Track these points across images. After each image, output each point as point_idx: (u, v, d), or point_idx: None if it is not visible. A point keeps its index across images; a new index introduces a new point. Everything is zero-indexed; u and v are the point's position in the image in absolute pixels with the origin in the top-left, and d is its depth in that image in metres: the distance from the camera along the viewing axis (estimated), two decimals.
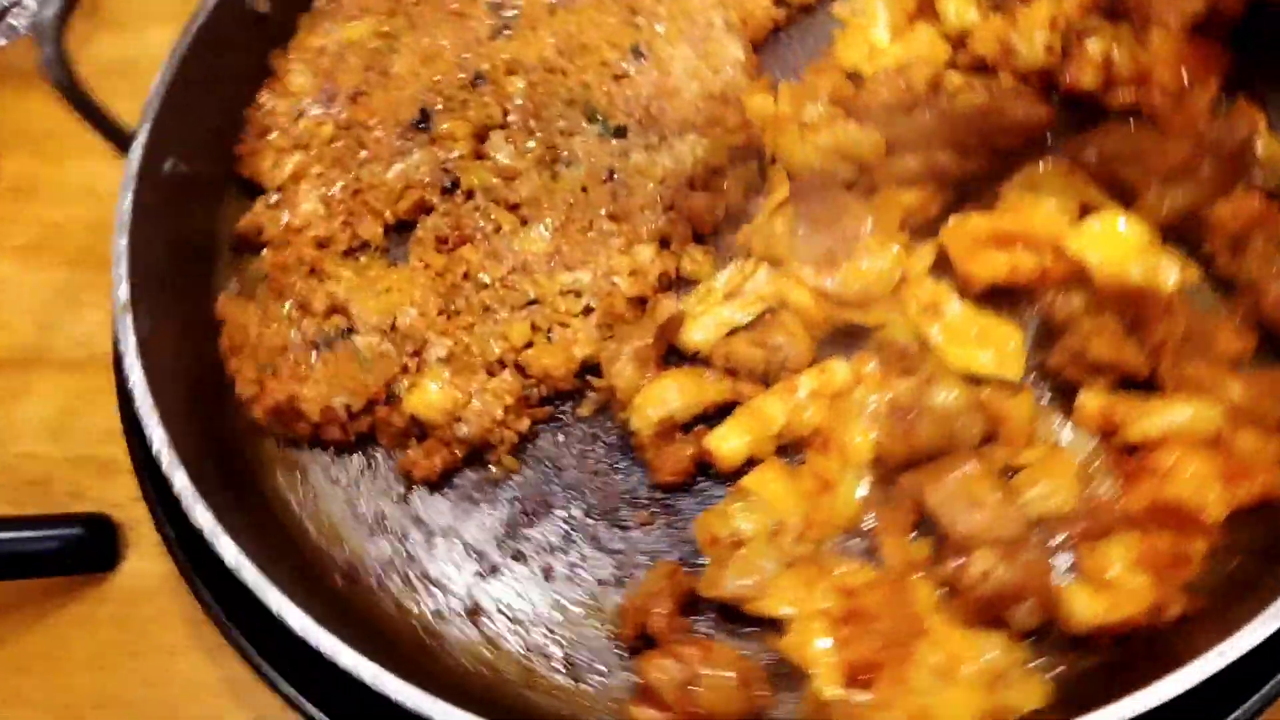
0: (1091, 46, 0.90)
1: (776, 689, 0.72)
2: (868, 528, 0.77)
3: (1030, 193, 0.86)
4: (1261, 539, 0.71)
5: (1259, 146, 0.83)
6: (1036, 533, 0.72)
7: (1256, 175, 0.81)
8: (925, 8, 1.00)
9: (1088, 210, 0.84)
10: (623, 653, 0.76)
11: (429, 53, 1.05)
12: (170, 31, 0.92)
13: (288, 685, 0.73)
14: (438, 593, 0.80)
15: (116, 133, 0.90)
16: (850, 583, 0.71)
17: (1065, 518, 0.73)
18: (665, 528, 0.80)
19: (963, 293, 0.84)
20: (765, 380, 0.83)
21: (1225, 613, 0.66)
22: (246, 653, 0.75)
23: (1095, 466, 0.75)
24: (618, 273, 0.89)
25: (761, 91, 0.98)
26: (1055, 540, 0.73)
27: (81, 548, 0.91)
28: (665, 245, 0.92)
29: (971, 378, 0.79)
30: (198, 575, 0.77)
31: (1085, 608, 0.68)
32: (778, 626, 0.72)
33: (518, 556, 0.81)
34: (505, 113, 1.00)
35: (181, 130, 0.93)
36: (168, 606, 0.90)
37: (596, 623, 0.77)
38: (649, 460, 0.81)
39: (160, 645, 0.89)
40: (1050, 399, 0.81)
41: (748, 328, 0.85)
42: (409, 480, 0.85)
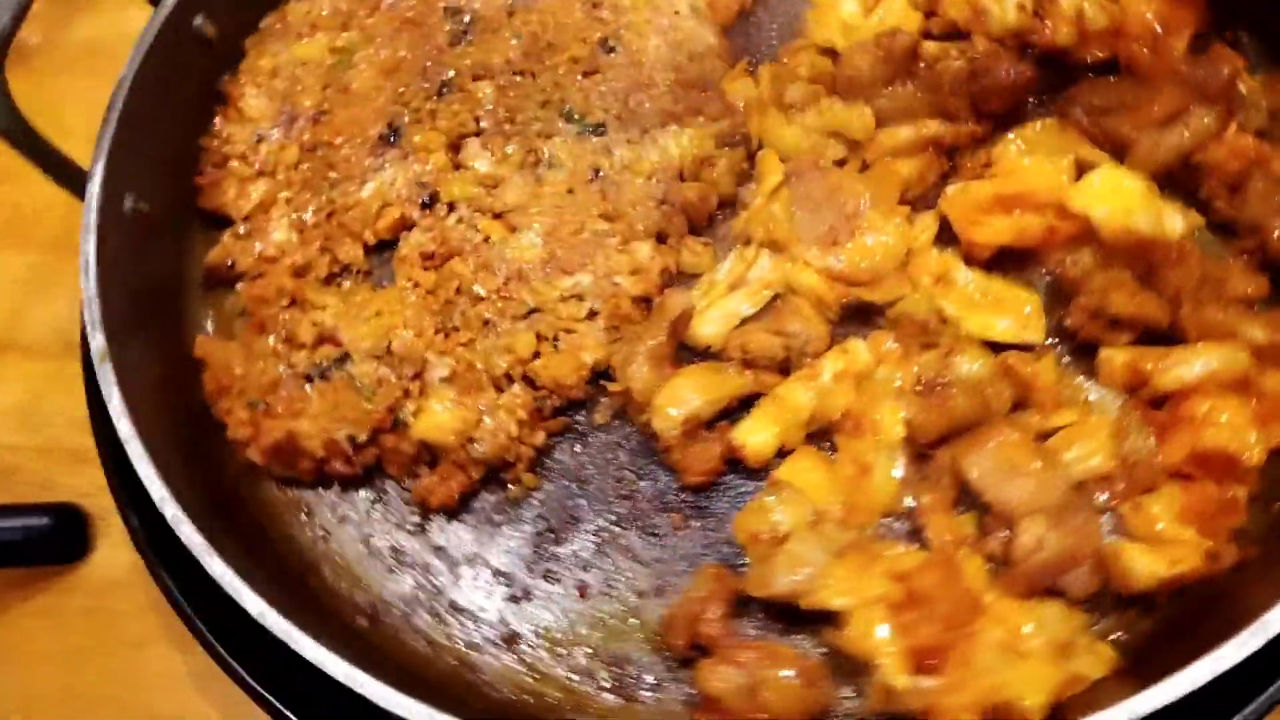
0: (1065, 2, 0.90)
1: (837, 683, 0.69)
2: (908, 508, 0.75)
3: (1025, 154, 0.85)
4: None
5: (1242, 88, 0.83)
6: (1081, 495, 0.71)
7: (1246, 116, 0.81)
8: None
9: (1083, 167, 0.83)
10: (672, 664, 0.73)
11: (388, 65, 1.01)
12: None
13: (253, 680, 0.71)
14: (469, 623, 0.76)
15: (70, 174, 0.85)
16: (901, 566, 0.69)
17: (1105, 477, 0.72)
18: (700, 530, 0.78)
19: (969, 260, 0.83)
20: (785, 368, 0.80)
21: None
22: (214, 648, 0.72)
23: (1127, 423, 0.74)
24: (618, 272, 0.86)
25: (740, 76, 0.96)
26: (1099, 501, 0.72)
27: (50, 538, 0.89)
28: (662, 240, 0.90)
29: (992, 345, 0.78)
30: (164, 568, 0.74)
31: (1143, 566, 0.67)
32: (831, 620, 0.70)
33: (549, 576, 0.77)
34: (477, 120, 0.96)
35: (137, 166, 0.88)
36: (137, 598, 0.88)
37: (641, 636, 0.74)
38: (676, 462, 0.78)
39: (128, 638, 0.88)
40: (1070, 360, 0.80)
41: (758, 317, 0.83)
42: (425, 509, 0.81)
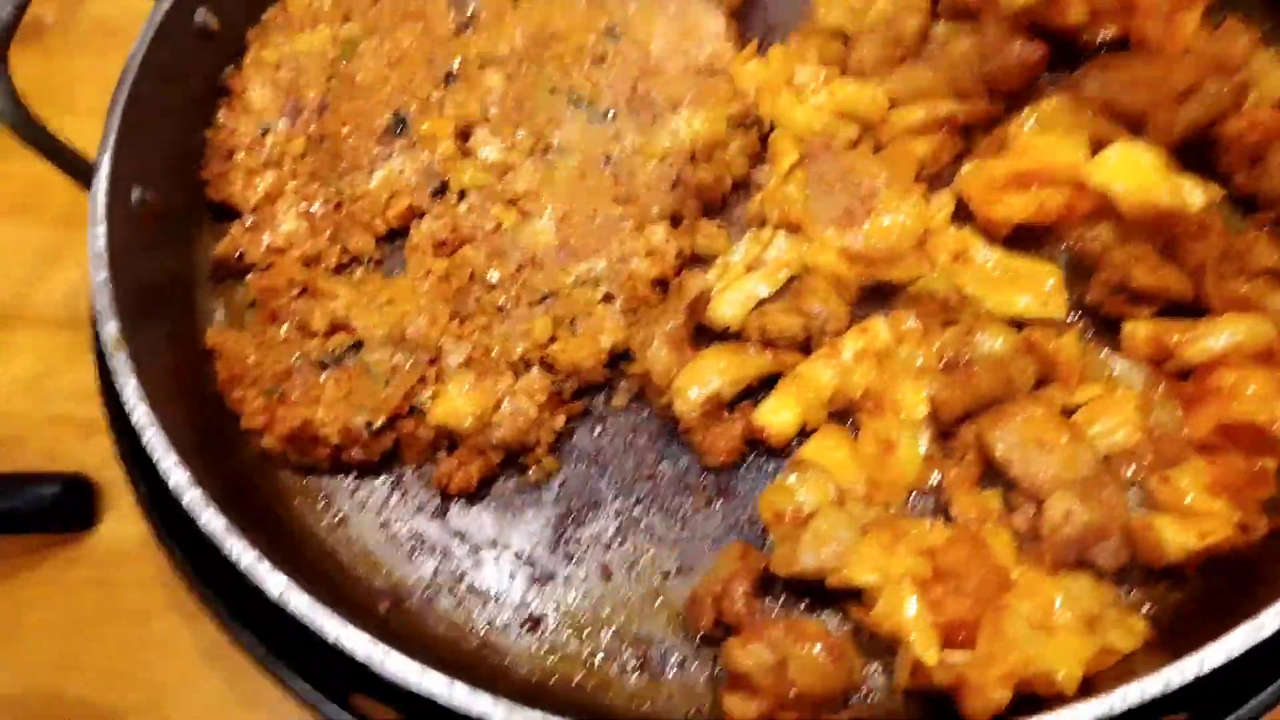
0: None
1: (864, 661, 0.69)
2: (933, 486, 0.75)
3: (1040, 132, 0.85)
4: None
5: (1256, 61, 0.83)
6: (1108, 470, 0.71)
7: (1263, 88, 0.81)
8: None
9: (1099, 143, 0.83)
10: (696, 643, 0.72)
11: (393, 56, 1.00)
12: None
13: (263, 649, 0.71)
14: (492, 607, 0.76)
15: (74, 164, 0.84)
16: (928, 543, 0.69)
17: (1132, 451, 0.72)
18: (723, 511, 0.77)
19: (988, 238, 0.83)
20: (805, 348, 0.80)
21: None
22: (223, 619, 0.72)
23: (1153, 397, 0.74)
24: (633, 256, 0.86)
25: (749, 59, 0.96)
26: (1126, 475, 0.71)
27: (59, 507, 0.90)
28: (676, 223, 0.89)
29: (1014, 321, 0.78)
30: (173, 539, 0.74)
31: (1174, 538, 0.66)
32: (857, 598, 0.69)
33: (571, 559, 0.77)
34: (485, 108, 0.96)
35: (143, 159, 0.87)
36: (143, 570, 0.88)
37: (665, 617, 0.74)
38: (698, 443, 0.77)
39: (133, 610, 0.88)
40: (1093, 335, 0.79)
41: (776, 297, 0.83)
42: (444, 494, 0.80)
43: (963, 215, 0.85)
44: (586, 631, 0.74)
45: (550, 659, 0.73)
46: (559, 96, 0.96)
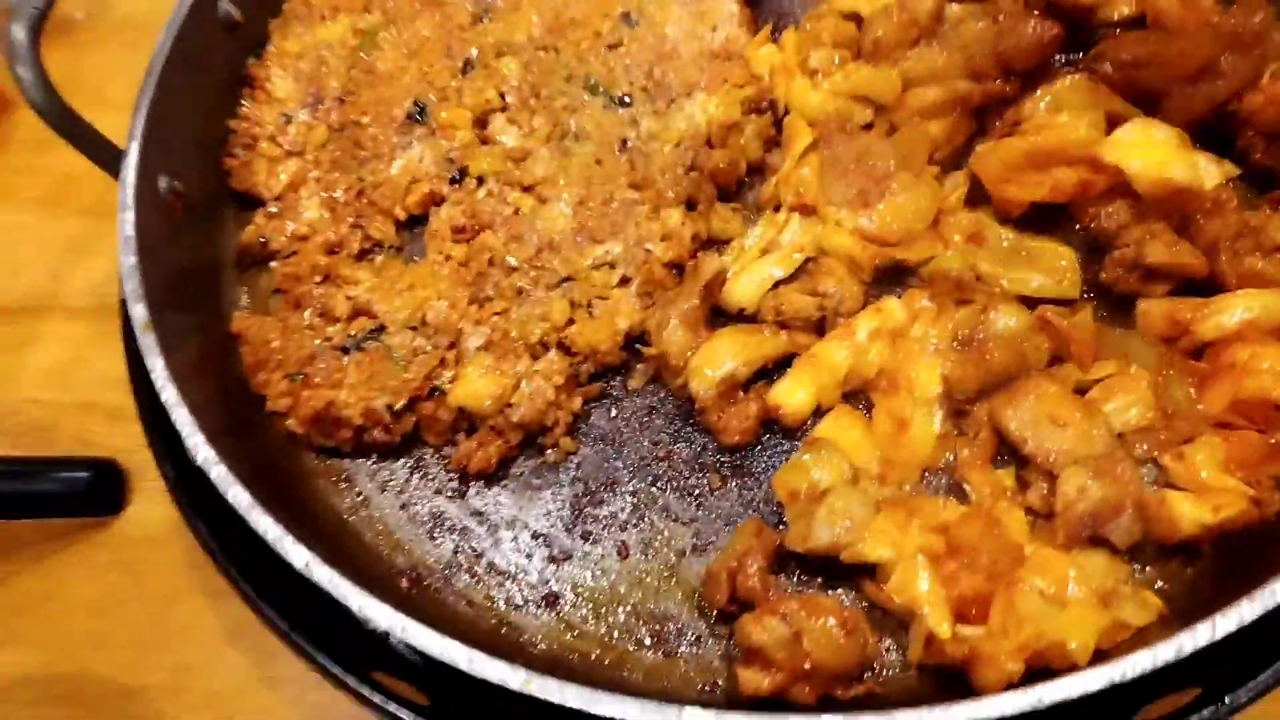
0: None
1: (878, 636, 0.69)
2: (946, 464, 0.75)
3: (1055, 111, 0.85)
4: None
5: (1273, 35, 0.82)
6: (1122, 446, 0.71)
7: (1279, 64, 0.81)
8: None
9: (1114, 121, 0.83)
10: (711, 620, 0.73)
11: (412, 45, 1.02)
12: None
13: (286, 624, 0.72)
14: (510, 584, 0.77)
15: (104, 151, 0.86)
16: (942, 519, 0.69)
17: (1146, 428, 0.72)
18: (738, 490, 0.78)
19: (1002, 218, 0.83)
20: (819, 329, 0.80)
21: None
22: (248, 596, 0.74)
23: (1167, 374, 0.74)
24: (649, 239, 0.87)
25: (764, 43, 0.97)
26: (1140, 452, 0.71)
27: (89, 491, 0.93)
28: (692, 207, 0.90)
29: (1027, 300, 0.78)
30: (199, 518, 0.76)
31: (1188, 513, 0.66)
32: (871, 574, 0.70)
33: (588, 537, 0.78)
34: (503, 96, 0.97)
35: (170, 148, 0.89)
36: (169, 553, 0.91)
37: (681, 594, 0.75)
38: (714, 423, 0.78)
39: (160, 590, 0.90)
40: (1107, 314, 0.79)
41: (791, 279, 0.83)
42: (464, 475, 0.81)
43: (977, 197, 0.85)
44: (603, 609, 0.75)
45: (567, 635, 0.74)
46: (575, 83, 0.97)
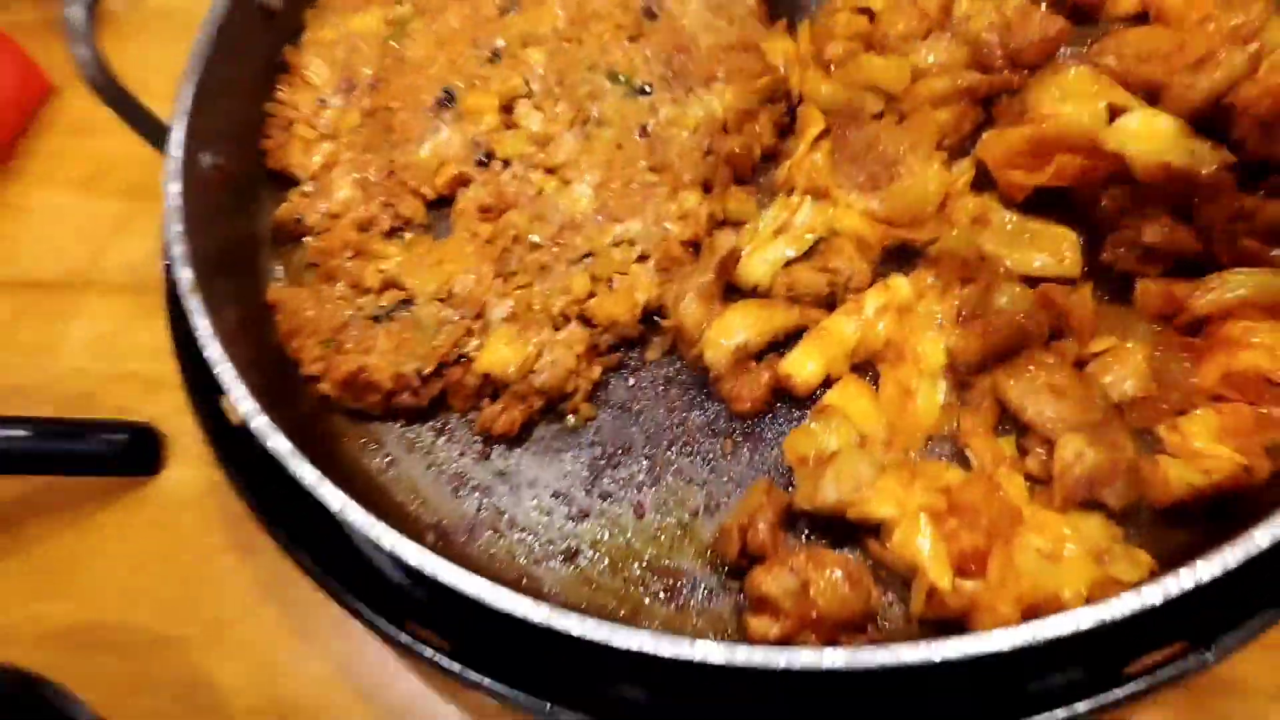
0: None
1: (882, 591, 0.73)
2: (950, 433, 0.79)
3: (1060, 101, 0.88)
4: None
5: (1270, 30, 0.86)
6: (1118, 416, 0.74)
7: (1277, 56, 0.84)
8: None
9: (1116, 111, 0.86)
10: (722, 575, 0.77)
11: (441, 35, 1.06)
12: None
13: (320, 570, 0.76)
14: (531, 539, 0.81)
15: (153, 128, 0.90)
16: (945, 481, 0.73)
17: (1142, 400, 0.75)
18: (750, 454, 0.81)
19: (1007, 202, 0.86)
20: (830, 304, 0.84)
21: None
22: (282, 541, 0.78)
23: (1163, 351, 0.77)
24: (667, 219, 0.91)
25: (779, 36, 1.01)
26: (1135, 422, 0.74)
27: (128, 452, 0.98)
28: (708, 190, 0.94)
29: (1030, 279, 0.81)
30: (241, 479, 0.81)
31: (1179, 475, 0.70)
32: (876, 534, 0.73)
33: (606, 497, 0.82)
34: (528, 83, 1.01)
35: (211, 127, 0.93)
36: (205, 513, 0.95)
37: (693, 551, 0.78)
38: (727, 391, 0.82)
39: (195, 547, 0.95)
40: (1106, 293, 0.83)
41: (803, 258, 0.87)
42: (488, 438, 0.85)
43: (983, 182, 0.88)
44: (620, 564, 0.79)
45: (585, 589, 0.78)
46: (598, 72, 1.01)
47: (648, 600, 0.76)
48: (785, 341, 0.83)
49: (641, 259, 0.89)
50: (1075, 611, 0.57)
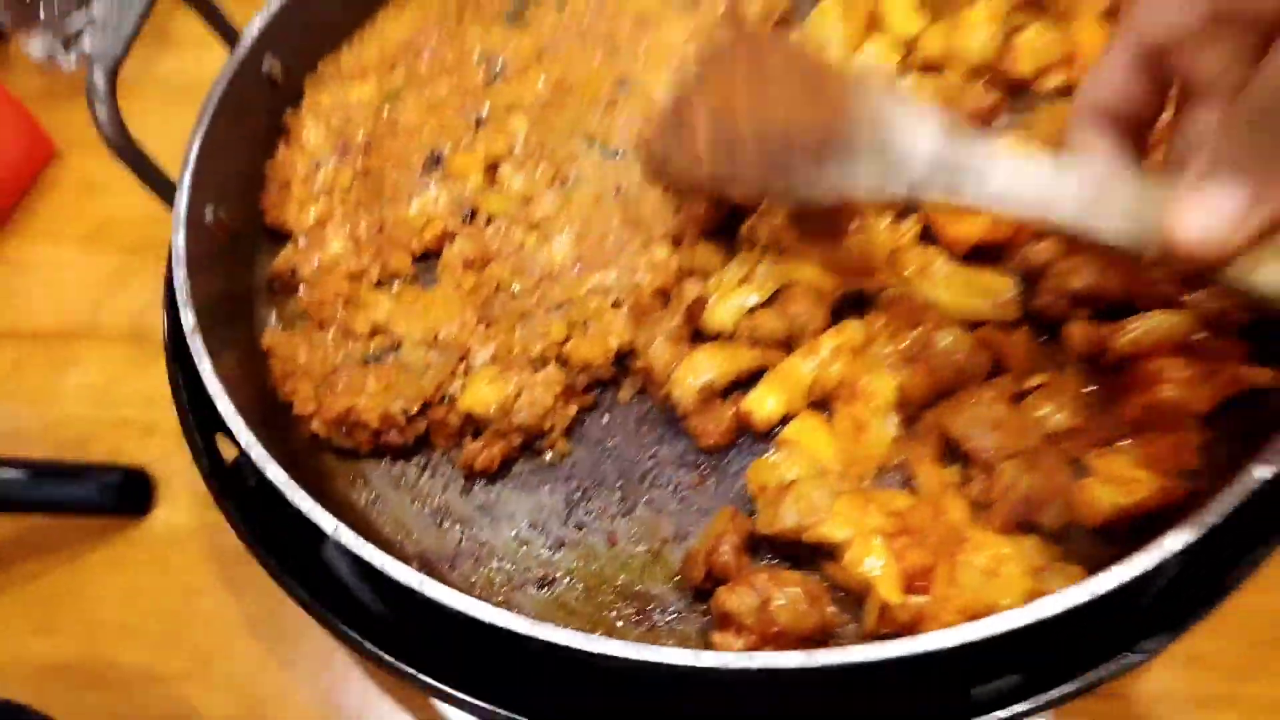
0: (1022, 39, 1.04)
1: (839, 613, 0.78)
2: (900, 464, 0.85)
3: None
4: (1242, 426, 0.80)
5: None
6: (1051, 445, 0.81)
7: None
8: (874, 24, 1.13)
9: None
10: (690, 598, 0.81)
11: (431, 103, 1.15)
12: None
13: (308, 594, 0.80)
14: (509, 567, 0.85)
15: (162, 184, 0.97)
16: (895, 506, 0.79)
17: (1072, 431, 0.82)
18: (716, 486, 0.87)
19: (950, 255, 0.94)
20: (788, 346, 0.91)
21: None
22: (272, 569, 0.82)
23: (1091, 387, 0.84)
24: (639, 270, 0.98)
25: None
26: (1068, 450, 0.81)
27: (120, 493, 1.03)
28: (677, 244, 1.01)
29: (971, 323, 0.88)
30: (233, 512, 0.85)
31: (1105, 496, 0.76)
32: (832, 557, 0.79)
33: (581, 527, 0.87)
34: (511, 147, 1.09)
35: (215, 182, 1.00)
36: (193, 552, 1.00)
37: (663, 576, 0.83)
38: (693, 427, 0.88)
39: (183, 585, 0.99)
40: (1040, 335, 0.90)
41: (765, 305, 0.94)
42: (469, 473, 0.90)
43: (928, 237, 0.96)
44: (593, 590, 0.83)
45: (560, 613, 0.82)
46: (576, 137, 1.09)
47: (620, 623, 0.81)
48: (747, 381, 0.90)
49: (615, 306, 0.96)
50: (1006, 614, 0.62)
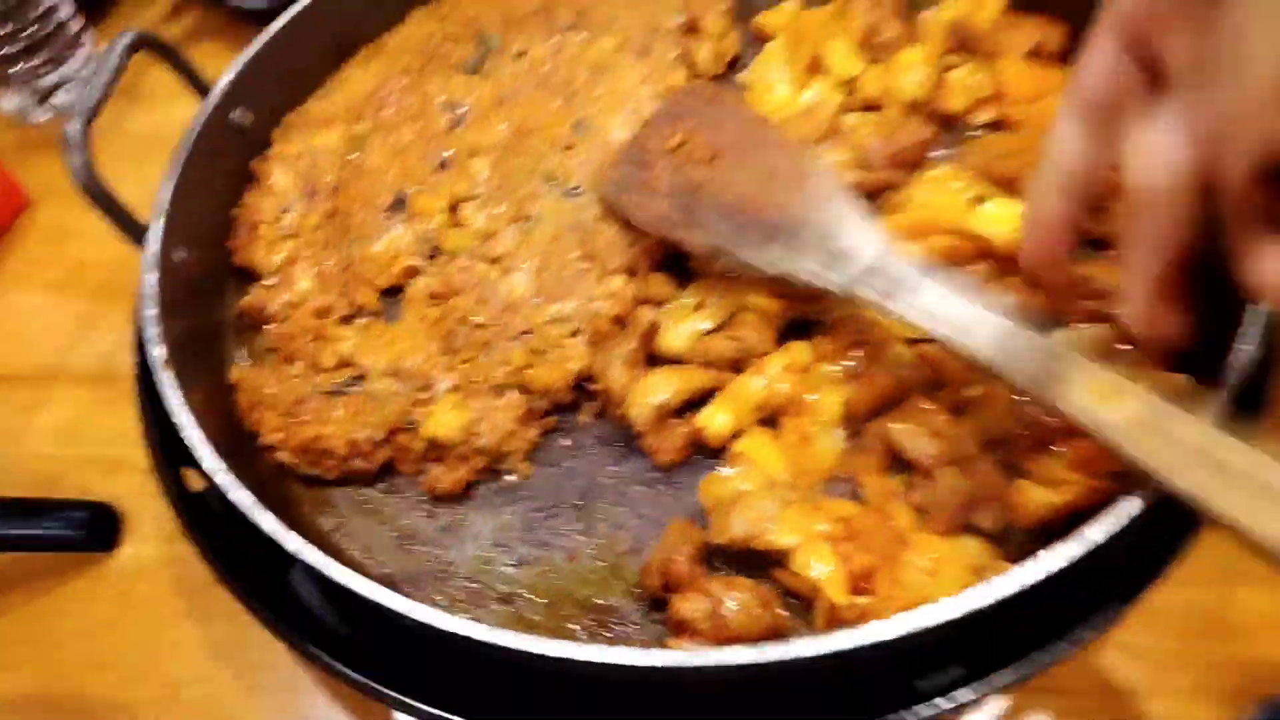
0: (954, 77, 1.11)
1: (790, 614, 0.81)
2: (847, 476, 0.89)
3: (932, 193, 1.03)
4: None
5: None
6: (987, 452, 0.85)
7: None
8: (816, 66, 1.19)
9: (979, 201, 1.01)
10: (646, 609, 0.84)
11: (396, 148, 1.19)
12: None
13: (274, 618, 0.83)
14: (473, 585, 0.88)
15: (134, 228, 1.00)
16: (841, 513, 0.82)
17: (1007, 438, 0.86)
18: (671, 500, 0.90)
19: None
20: (739, 367, 0.95)
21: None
22: (240, 594, 0.84)
23: (1025, 398, 0.88)
24: (597, 299, 1.02)
25: None
26: (1003, 457, 0.85)
27: (88, 529, 1.04)
28: (633, 275, 1.06)
29: (912, 340, 0.93)
30: (200, 540, 0.88)
31: (1038, 496, 0.80)
32: (782, 563, 0.82)
33: (543, 545, 0.89)
34: (473, 187, 1.14)
35: (185, 225, 1.04)
36: (159, 585, 1.01)
37: (621, 589, 0.86)
38: (649, 445, 0.91)
39: (150, 617, 1.00)
40: None
41: (716, 330, 0.98)
42: (434, 496, 0.93)
43: None
44: (554, 604, 0.86)
45: (521, 628, 0.83)
46: (536, 177, 1.14)
47: (582, 635, 0.83)
48: (700, 401, 0.93)
49: (574, 334, 1.00)
50: (943, 602, 0.65)
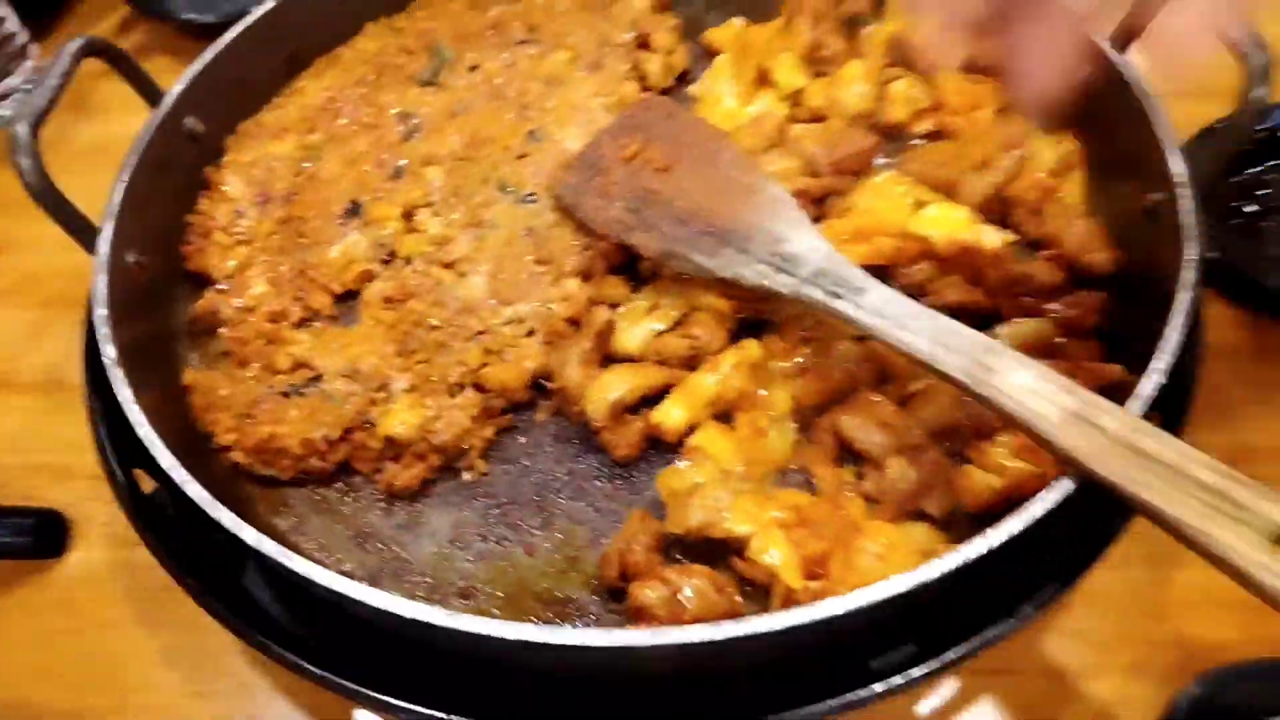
0: (896, 89, 1.16)
1: (747, 601, 0.83)
2: (797, 466, 0.91)
3: (876, 198, 1.07)
4: None
5: (1030, 141, 1.07)
6: (933, 441, 0.88)
7: (1038, 160, 1.05)
8: (763, 80, 1.23)
9: (921, 204, 1.05)
10: (605, 600, 0.85)
11: (350, 157, 1.20)
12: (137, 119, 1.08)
13: (230, 615, 0.82)
14: (430, 580, 0.88)
15: (85, 230, 0.99)
16: (795, 502, 0.84)
17: (953, 428, 0.89)
18: (628, 494, 0.92)
19: None
20: (692, 365, 0.97)
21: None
22: (194, 591, 0.84)
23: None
24: (552, 301, 1.03)
25: None
26: (949, 446, 0.88)
27: (34, 536, 1.03)
28: (587, 278, 1.07)
29: (860, 336, 0.96)
30: (153, 540, 0.87)
31: (981, 480, 0.83)
32: (739, 551, 0.84)
33: (501, 540, 0.90)
34: (428, 195, 1.15)
35: (137, 229, 1.03)
36: (108, 591, 1.00)
37: (580, 581, 0.87)
38: (606, 441, 0.92)
39: (99, 624, 0.98)
40: None
41: (670, 329, 1.00)
42: (390, 494, 0.93)
43: None
44: (513, 598, 0.86)
45: (482, 619, 0.84)
46: (490, 184, 1.15)
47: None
48: (655, 398, 0.95)
49: (530, 334, 1.01)
50: (892, 579, 0.67)
